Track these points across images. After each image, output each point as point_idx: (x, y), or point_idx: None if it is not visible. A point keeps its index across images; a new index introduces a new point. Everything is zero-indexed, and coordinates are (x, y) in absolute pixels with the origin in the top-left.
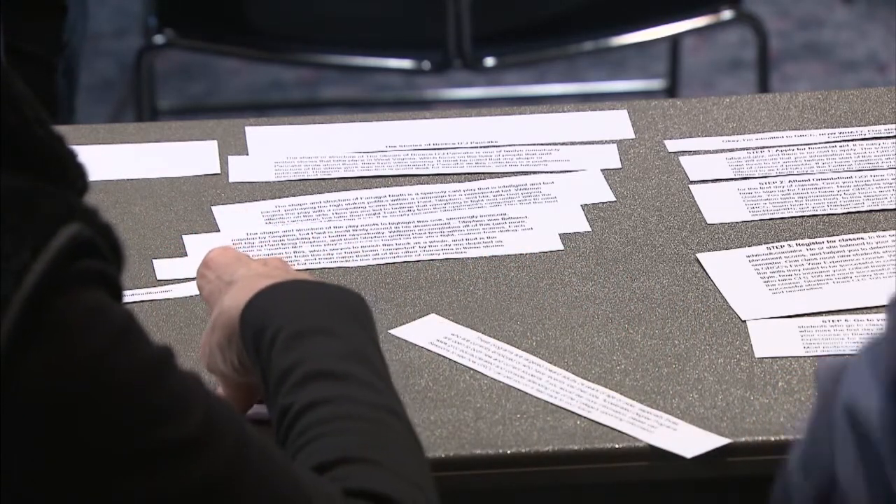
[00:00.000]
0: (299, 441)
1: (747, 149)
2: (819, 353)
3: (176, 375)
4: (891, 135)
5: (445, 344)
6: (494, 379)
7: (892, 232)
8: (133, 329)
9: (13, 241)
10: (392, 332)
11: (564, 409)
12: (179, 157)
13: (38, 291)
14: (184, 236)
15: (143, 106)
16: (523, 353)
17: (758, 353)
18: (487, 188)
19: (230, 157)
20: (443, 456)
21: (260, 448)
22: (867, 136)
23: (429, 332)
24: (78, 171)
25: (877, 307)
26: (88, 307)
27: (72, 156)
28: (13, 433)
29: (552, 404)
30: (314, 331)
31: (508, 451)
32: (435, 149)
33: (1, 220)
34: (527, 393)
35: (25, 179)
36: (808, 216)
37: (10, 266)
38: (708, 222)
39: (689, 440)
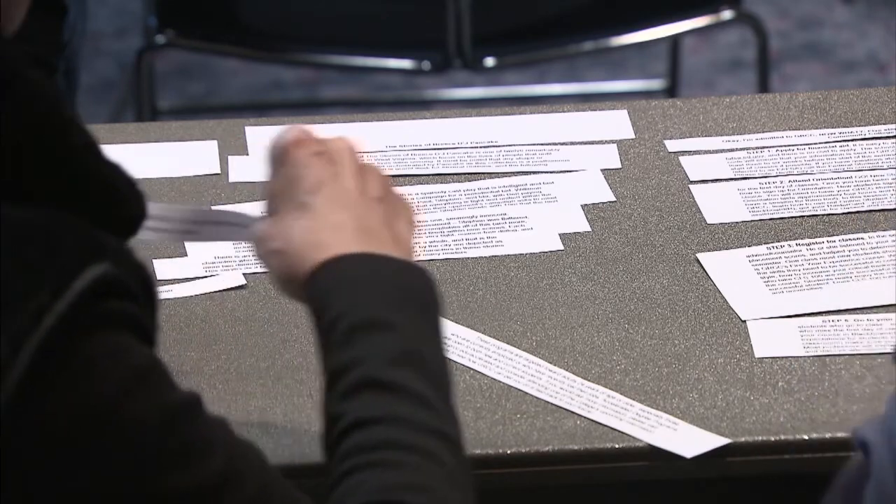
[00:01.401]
0: (343, 465)
1: (747, 149)
2: (819, 353)
3: (197, 421)
4: (891, 135)
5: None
6: (494, 379)
7: (892, 232)
8: (154, 373)
9: (33, 281)
10: None
11: (564, 409)
12: (179, 157)
13: (56, 333)
14: None
15: (143, 106)
16: (523, 353)
17: (758, 353)
18: (487, 188)
19: (230, 157)
20: None
21: (283, 498)
22: (867, 136)
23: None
24: (132, 199)
25: (877, 307)
26: (109, 350)
27: (128, 184)
28: (26, 472)
29: (552, 404)
30: (373, 325)
31: (508, 451)
32: (435, 149)
33: (22, 258)
34: (527, 393)
35: (53, 213)
36: (808, 216)
37: (29, 306)
38: (708, 222)
39: (689, 440)
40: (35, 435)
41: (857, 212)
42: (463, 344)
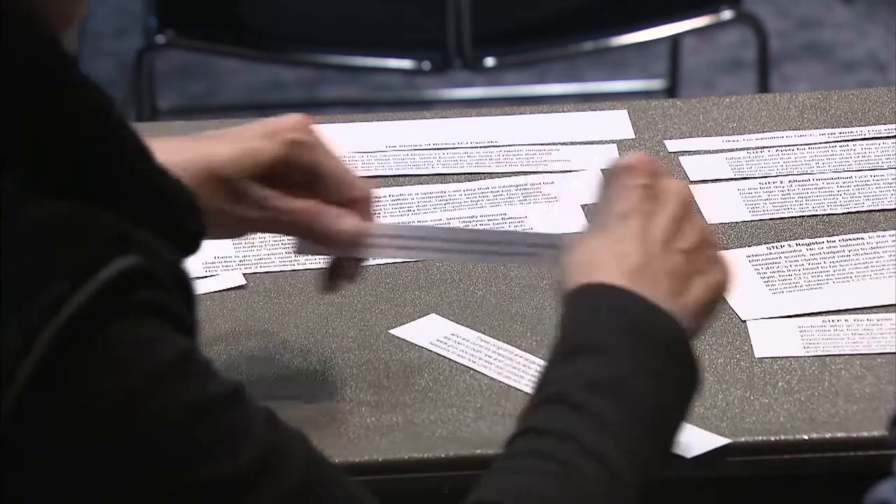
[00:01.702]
0: (500, 462)
1: (747, 149)
2: (819, 353)
3: (234, 411)
4: (891, 135)
5: (445, 344)
6: (494, 379)
7: (892, 232)
8: (188, 364)
9: (53, 271)
10: (392, 331)
11: None
12: None
13: (75, 323)
14: None
15: (143, 106)
16: (523, 352)
17: (758, 353)
18: (487, 188)
19: None
20: (443, 456)
21: (332, 493)
22: (867, 136)
23: (429, 331)
24: (188, 211)
25: (877, 307)
26: (135, 341)
27: (182, 194)
28: (48, 465)
29: None
30: (588, 348)
31: None
32: (435, 149)
33: (44, 249)
34: (527, 393)
35: (83, 207)
36: (808, 216)
37: (47, 297)
38: (708, 222)
39: (689, 440)
40: (50, 428)
41: (857, 212)
42: (463, 344)
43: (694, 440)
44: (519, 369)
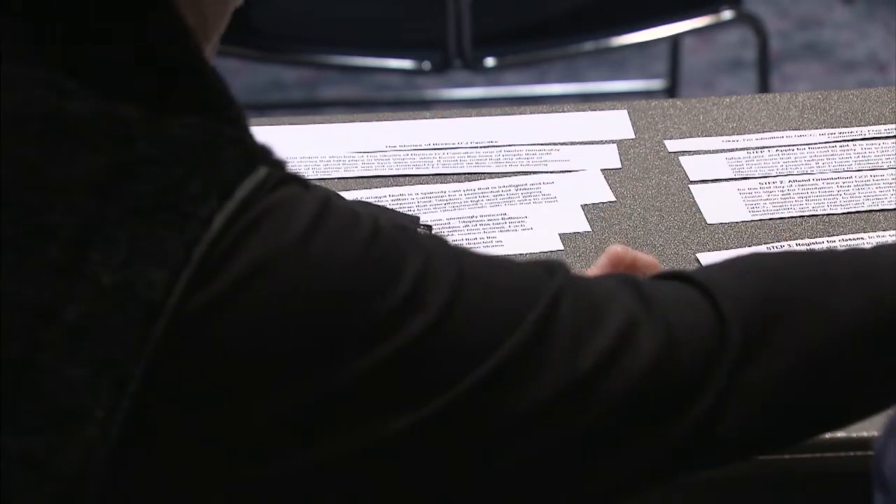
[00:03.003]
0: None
1: (747, 149)
2: None
3: (383, 237)
4: (891, 135)
5: None
6: None
7: (892, 232)
8: (333, 206)
9: (202, 189)
10: None
11: None
12: None
13: (235, 220)
14: None
15: None
16: None
17: None
18: (487, 188)
19: None
20: None
21: (486, 270)
22: (867, 136)
23: None
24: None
25: None
26: (286, 198)
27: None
28: (229, 323)
29: None
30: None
31: None
32: (435, 149)
33: (190, 167)
34: None
35: (216, 125)
36: (808, 216)
37: (201, 211)
38: (708, 222)
39: None
40: (236, 295)
41: (857, 212)
42: None
43: None
44: None
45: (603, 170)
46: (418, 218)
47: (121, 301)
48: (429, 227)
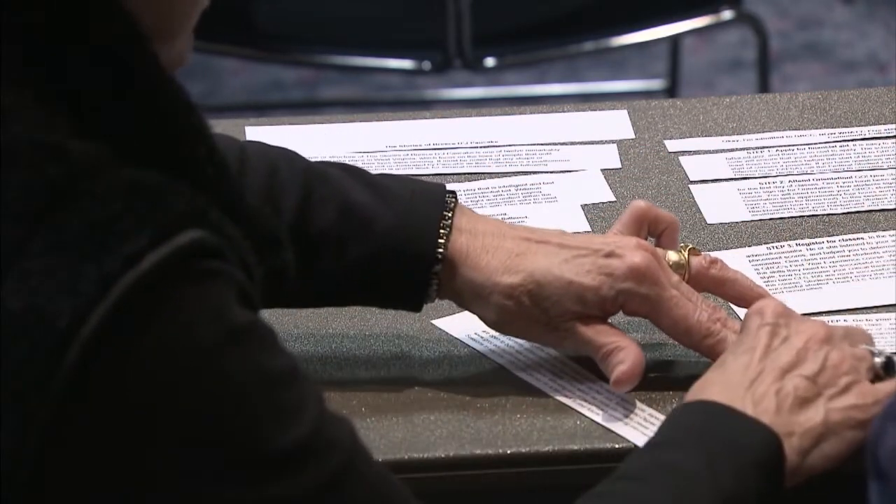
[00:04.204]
0: None
1: (747, 149)
2: None
3: (292, 389)
4: (891, 135)
5: (482, 339)
6: (495, 378)
7: (892, 232)
8: (254, 334)
9: (136, 227)
10: (435, 322)
11: (568, 407)
12: None
13: (150, 277)
14: None
15: None
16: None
17: None
18: (487, 188)
19: None
20: (443, 456)
21: (371, 482)
22: (867, 136)
23: (469, 326)
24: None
25: (877, 307)
26: (206, 303)
27: (261, 212)
28: (113, 411)
29: (552, 404)
30: (675, 443)
31: (508, 451)
32: (435, 149)
33: (130, 206)
34: (527, 392)
35: (172, 180)
36: (808, 216)
37: (127, 249)
38: (708, 222)
39: None
40: (117, 377)
41: (857, 212)
42: (499, 339)
43: None
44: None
45: (603, 170)
46: (444, 186)
47: (28, 328)
48: (453, 194)
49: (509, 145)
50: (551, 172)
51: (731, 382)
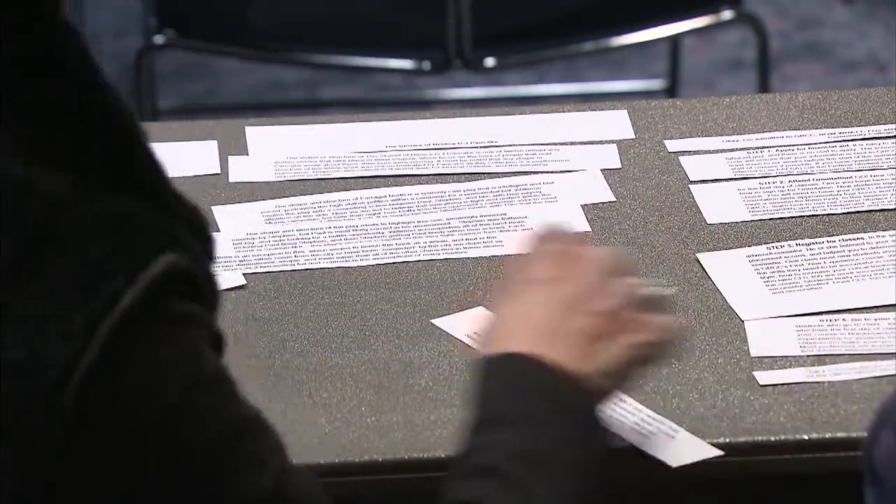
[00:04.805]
0: None
1: (747, 149)
2: (816, 352)
3: (254, 440)
4: (891, 135)
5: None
6: None
7: (892, 232)
8: (220, 383)
9: (111, 266)
10: (435, 322)
11: None
12: (179, 157)
13: (129, 318)
14: None
15: (143, 106)
16: None
17: (753, 353)
18: (487, 188)
19: (230, 158)
20: (443, 456)
21: None
22: (867, 136)
23: (469, 326)
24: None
25: (877, 307)
26: (179, 347)
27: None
28: (86, 447)
29: None
30: (507, 419)
31: None
32: (435, 149)
33: (102, 243)
34: None
35: (137, 204)
36: (808, 216)
37: (106, 290)
38: (708, 222)
39: (680, 448)
40: (101, 425)
41: (857, 212)
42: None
43: (685, 449)
44: None
45: (603, 170)
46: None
47: (27, 377)
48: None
49: (509, 145)
50: (551, 172)
51: (531, 325)
